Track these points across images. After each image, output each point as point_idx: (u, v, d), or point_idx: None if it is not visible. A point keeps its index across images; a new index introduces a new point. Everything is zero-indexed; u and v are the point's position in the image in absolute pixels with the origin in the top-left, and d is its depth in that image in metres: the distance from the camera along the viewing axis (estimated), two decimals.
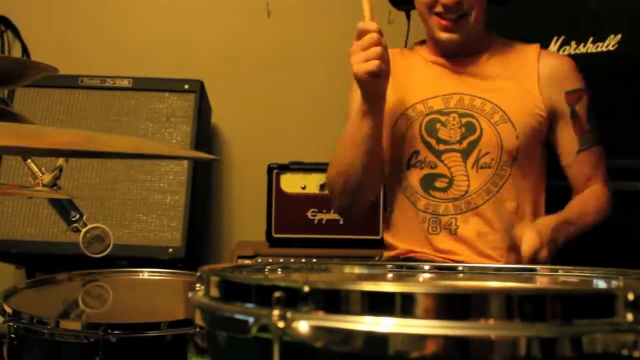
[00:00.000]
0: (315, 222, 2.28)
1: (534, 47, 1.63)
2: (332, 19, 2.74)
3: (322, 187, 2.27)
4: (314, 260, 1.12)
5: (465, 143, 1.55)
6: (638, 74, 1.79)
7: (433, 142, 1.57)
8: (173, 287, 1.61)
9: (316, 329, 0.62)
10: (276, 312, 0.63)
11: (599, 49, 1.84)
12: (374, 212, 2.26)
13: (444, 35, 1.57)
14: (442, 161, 1.56)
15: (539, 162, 1.61)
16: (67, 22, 2.69)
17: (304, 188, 2.29)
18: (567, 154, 1.59)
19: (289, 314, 0.63)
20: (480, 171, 1.54)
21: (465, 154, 1.55)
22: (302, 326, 0.62)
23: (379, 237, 2.23)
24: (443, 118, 1.57)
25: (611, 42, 1.82)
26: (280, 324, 0.62)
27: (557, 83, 1.58)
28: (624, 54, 1.80)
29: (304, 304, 0.63)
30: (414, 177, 1.59)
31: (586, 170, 1.59)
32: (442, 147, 1.56)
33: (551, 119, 1.58)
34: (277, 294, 0.64)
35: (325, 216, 2.28)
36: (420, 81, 1.63)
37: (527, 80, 1.58)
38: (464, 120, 1.56)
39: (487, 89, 1.58)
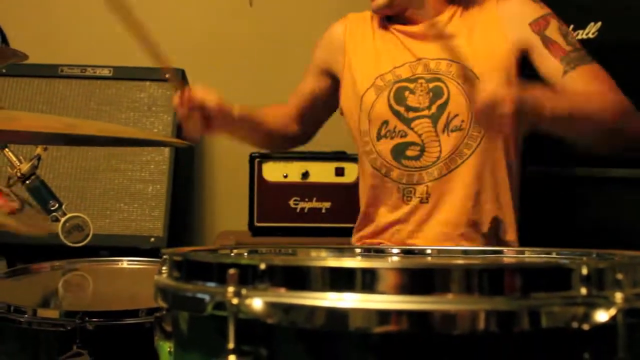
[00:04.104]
0: (298, 210, 2.28)
1: None
2: (314, 7, 2.74)
3: (304, 175, 2.27)
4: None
5: (434, 108, 1.52)
6: (618, 62, 1.80)
7: (402, 110, 1.55)
8: (152, 275, 1.60)
9: (271, 306, 0.62)
10: (231, 289, 0.63)
11: (579, 37, 1.85)
12: (356, 200, 2.27)
13: (372, 4, 1.57)
14: (412, 129, 1.54)
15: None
16: (47, 11, 2.66)
17: (285, 177, 2.29)
18: (553, 81, 1.45)
19: (243, 291, 0.63)
20: (451, 135, 1.51)
21: (435, 118, 1.52)
22: (256, 303, 0.62)
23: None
24: (411, 85, 1.55)
25: (591, 30, 1.83)
26: (235, 301, 0.63)
27: (519, 20, 1.50)
28: (604, 41, 1.81)
29: (260, 281, 0.64)
30: (385, 147, 1.57)
31: (580, 88, 1.42)
32: (411, 114, 1.54)
33: (529, 61, 1.50)
34: (231, 271, 0.64)
35: (307, 205, 2.28)
36: (387, 50, 1.61)
37: (489, 29, 1.53)
38: (431, 85, 1.53)
39: (451, 47, 1.50)
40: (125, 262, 1.64)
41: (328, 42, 1.74)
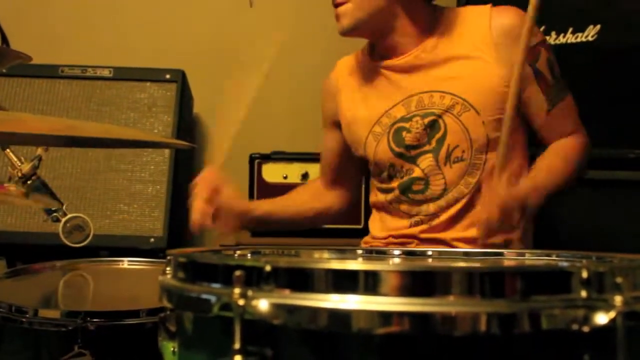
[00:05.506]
0: None
1: (484, 10, 1.52)
2: (314, 8, 2.74)
3: (304, 176, 2.28)
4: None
5: (433, 142, 1.52)
6: (617, 64, 1.81)
7: (403, 150, 1.55)
8: (153, 276, 1.60)
9: (277, 307, 0.63)
10: (237, 291, 0.64)
11: (578, 40, 1.85)
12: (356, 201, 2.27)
13: (338, 28, 1.54)
14: (417, 165, 1.54)
15: (518, 140, 1.54)
16: (48, 11, 2.67)
17: (285, 178, 2.29)
18: (537, 116, 1.52)
19: (249, 292, 0.64)
20: (453, 166, 1.51)
21: (436, 152, 1.51)
22: (262, 304, 0.63)
23: (360, 227, 2.24)
24: (407, 124, 1.54)
25: (590, 33, 1.84)
26: (241, 302, 0.63)
27: (513, 42, 1.41)
28: (603, 44, 1.82)
29: (266, 282, 0.64)
30: (395, 184, 1.58)
31: (560, 126, 1.52)
32: (413, 152, 1.54)
33: None
34: (237, 273, 0.65)
35: None
36: (377, 92, 1.59)
37: (482, 52, 1.49)
38: (427, 120, 1.51)
39: (442, 78, 1.51)
40: (126, 263, 1.65)
41: (327, 93, 1.73)
